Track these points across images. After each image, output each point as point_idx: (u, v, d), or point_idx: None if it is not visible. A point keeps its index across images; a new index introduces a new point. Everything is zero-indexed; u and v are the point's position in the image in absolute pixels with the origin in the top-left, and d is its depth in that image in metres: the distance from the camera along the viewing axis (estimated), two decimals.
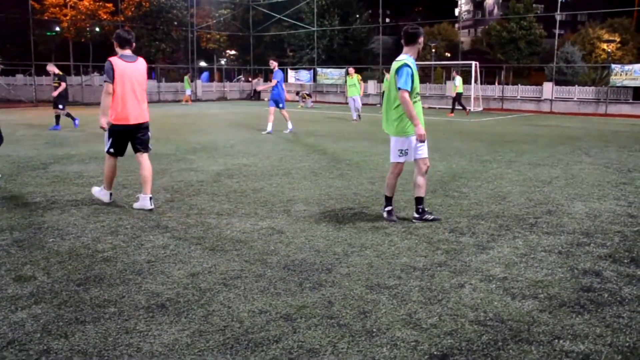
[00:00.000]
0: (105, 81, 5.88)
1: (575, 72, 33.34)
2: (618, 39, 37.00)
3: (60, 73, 15.41)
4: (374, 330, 3.19)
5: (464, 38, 52.75)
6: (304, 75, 35.98)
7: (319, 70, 35.34)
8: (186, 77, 32.16)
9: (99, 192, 6.37)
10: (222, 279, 3.95)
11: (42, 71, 35.12)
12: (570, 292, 3.81)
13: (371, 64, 41.32)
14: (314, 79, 35.22)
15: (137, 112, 6.01)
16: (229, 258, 4.41)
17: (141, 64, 6.10)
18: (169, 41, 43.66)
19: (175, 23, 43.09)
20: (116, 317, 3.32)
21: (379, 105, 30.68)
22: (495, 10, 62.65)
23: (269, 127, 14.19)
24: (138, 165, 6.26)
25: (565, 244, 4.91)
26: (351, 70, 19.23)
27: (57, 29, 48.65)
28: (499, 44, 40.39)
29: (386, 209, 5.69)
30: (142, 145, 6.20)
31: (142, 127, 6.15)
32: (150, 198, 6.03)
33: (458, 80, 22.42)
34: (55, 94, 15.06)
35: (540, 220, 5.70)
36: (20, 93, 31.10)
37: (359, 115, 19.03)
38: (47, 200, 6.39)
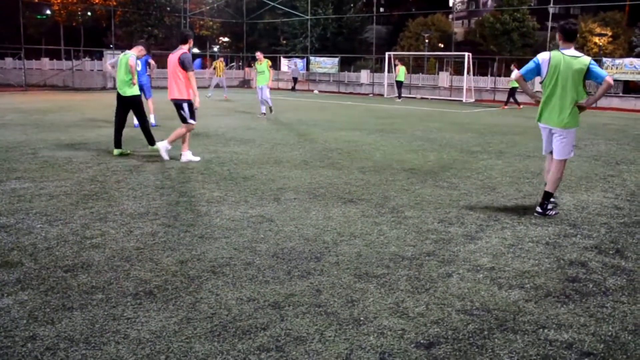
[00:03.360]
0: None
1: None
2: (609, 33, 37.11)
3: None
4: (362, 318, 3.21)
5: (458, 29, 52.69)
6: (297, 64, 35.82)
7: (312, 58, 35.21)
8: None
9: (188, 156, 8.12)
10: (210, 267, 3.96)
11: (31, 55, 34.76)
12: (556, 282, 3.85)
13: (364, 53, 41.21)
14: (307, 68, 35.10)
15: (170, 90, 8.07)
16: (218, 246, 4.42)
17: (176, 54, 7.89)
18: (161, 27, 43.31)
19: (168, 9, 42.72)
20: (103, 304, 3.32)
21: (371, 95, 30.66)
22: (489, 2, 62.55)
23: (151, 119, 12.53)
24: None
25: (553, 235, 4.96)
26: (259, 54, 16.31)
27: (48, 12, 48.10)
28: (492, 36, 40.41)
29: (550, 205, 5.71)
30: (179, 116, 8.27)
31: (175, 103, 8.14)
32: (183, 153, 8.15)
33: (515, 73, 22.16)
34: None
35: (529, 211, 5.74)
36: (9, 77, 30.73)
37: (271, 108, 15.76)
38: (36, 186, 6.35)
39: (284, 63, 36.71)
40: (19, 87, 27.84)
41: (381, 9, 61.17)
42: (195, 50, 45.81)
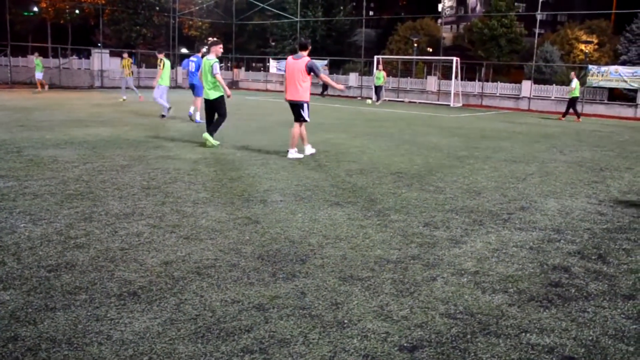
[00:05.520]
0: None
1: (553, 71, 33.78)
2: (595, 41, 37.54)
3: None
4: (346, 321, 3.22)
5: (446, 34, 53.02)
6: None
7: None
8: (37, 59, 25.51)
9: (303, 152, 9.07)
10: (195, 268, 3.94)
11: (18, 52, 34.40)
12: (539, 287, 3.89)
13: (353, 56, 41.32)
14: None
15: (290, 92, 8.84)
16: (204, 247, 4.40)
17: (301, 61, 8.66)
18: (150, 26, 43.06)
19: (157, 8, 42.48)
20: (87, 305, 3.29)
21: (359, 98, 30.73)
22: (478, 7, 63.04)
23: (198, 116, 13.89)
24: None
25: (537, 239, 5.00)
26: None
27: (35, 9, 47.65)
28: (480, 41, 40.69)
29: None
30: (295, 115, 8.98)
31: (295, 104, 8.87)
32: (290, 151, 8.97)
33: (575, 82, 20.86)
34: None
35: (514, 216, 5.79)
36: None
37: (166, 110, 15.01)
38: (20, 185, 6.28)
39: (273, 65, 36.68)
40: (4, 84, 27.53)
41: (370, 13, 61.39)
42: (184, 51, 45.64)
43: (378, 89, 26.47)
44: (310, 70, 8.66)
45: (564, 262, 4.42)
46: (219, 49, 9.97)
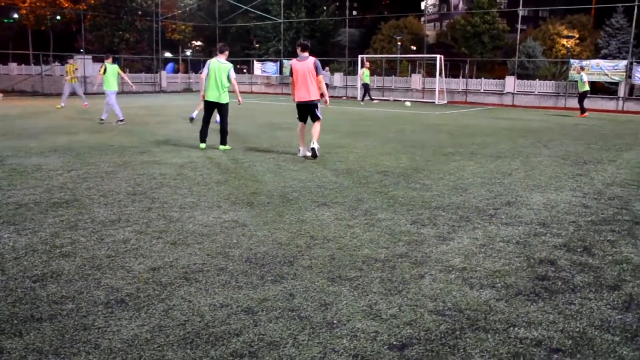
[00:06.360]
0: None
1: (536, 67, 34.06)
2: (577, 35, 37.93)
3: None
4: (335, 322, 3.22)
5: (430, 32, 53.24)
6: (270, 67, 35.81)
7: (285, 62, 35.19)
8: None
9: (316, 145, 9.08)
10: (183, 273, 3.92)
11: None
12: (526, 281, 3.92)
13: (337, 56, 41.36)
14: (280, 71, 35.08)
15: (302, 94, 9.06)
16: (191, 252, 4.38)
17: (308, 61, 8.96)
18: (133, 31, 42.73)
19: (140, 12, 42.19)
20: (74, 314, 3.26)
21: (344, 98, 30.77)
22: (460, 5, 63.39)
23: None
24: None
25: (523, 234, 5.04)
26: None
27: (15, 15, 47.17)
28: (464, 38, 40.95)
29: None
30: (311, 115, 9.32)
31: (308, 105, 9.17)
32: (308, 149, 9.16)
33: (585, 76, 20.61)
34: None
35: (500, 211, 5.83)
36: None
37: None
38: (3, 195, 6.21)
39: (257, 67, 36.64)
40: None
41: (354, 12, 61.51)
42: (167, 55, 45.43)
43: (366, 87, 26.42)
44: (316, 68, 8.96)
45: (550, 256, 4.46)
46: (227, 52, 10.21)
